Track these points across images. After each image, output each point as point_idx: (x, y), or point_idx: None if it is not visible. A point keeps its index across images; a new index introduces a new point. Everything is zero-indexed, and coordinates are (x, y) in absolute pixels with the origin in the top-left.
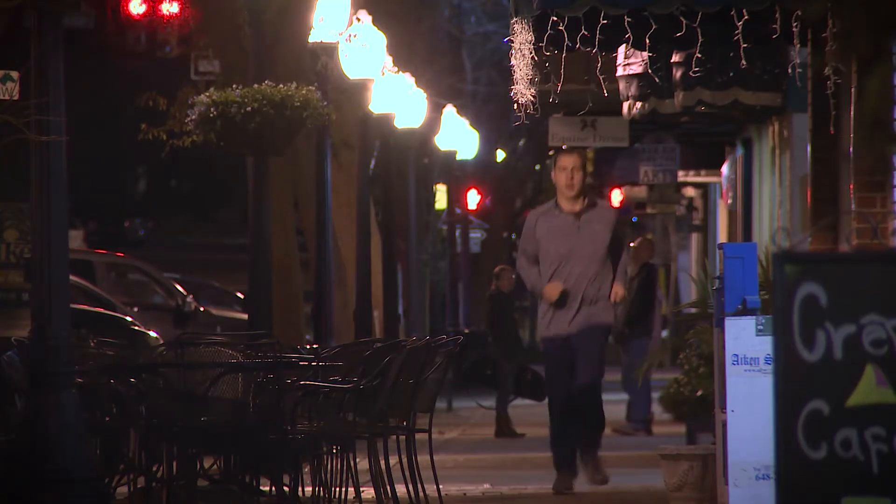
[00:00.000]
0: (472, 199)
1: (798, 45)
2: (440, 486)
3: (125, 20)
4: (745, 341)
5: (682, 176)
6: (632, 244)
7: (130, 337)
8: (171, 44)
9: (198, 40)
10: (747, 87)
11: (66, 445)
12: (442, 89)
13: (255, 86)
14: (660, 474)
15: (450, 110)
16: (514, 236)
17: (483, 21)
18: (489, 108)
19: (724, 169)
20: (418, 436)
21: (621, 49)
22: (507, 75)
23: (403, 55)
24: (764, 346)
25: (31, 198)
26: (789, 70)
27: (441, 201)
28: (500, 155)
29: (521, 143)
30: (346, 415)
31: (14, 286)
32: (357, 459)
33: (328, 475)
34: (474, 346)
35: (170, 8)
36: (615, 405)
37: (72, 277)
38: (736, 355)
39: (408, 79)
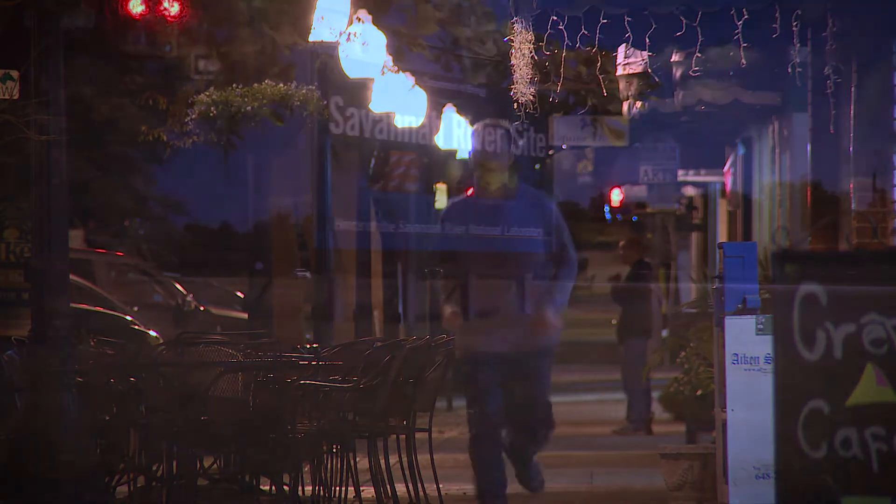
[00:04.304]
0: None
1: (798, 45)
2: (440, 486)
3: (124, 20)
4: (745, 341)
5: (681, 175)
6: (621, 244)
7: (130, 336)
8: (171, 44)
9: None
10: (747, 87)
11: (66, 445)
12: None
13: (255, 85)
14: (660, 474)
15: (450, 110)
16: None
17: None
18: (489, 108)
19: (728, 168)
20: (418, 435)
21: (621, 48)
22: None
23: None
24: (764, 346)
25: (31, 198)
26: (789, 69)
27: (441, 201)
28: None
29: (521, 142)
30: (346, 414)
31: (14, 286)
32: (357, 459)
33: (328, 475)
34: None
35: (169, 8)
36: (615, 405)
37: (72, 277)
38: (736, 354)
39: (407, 78)
